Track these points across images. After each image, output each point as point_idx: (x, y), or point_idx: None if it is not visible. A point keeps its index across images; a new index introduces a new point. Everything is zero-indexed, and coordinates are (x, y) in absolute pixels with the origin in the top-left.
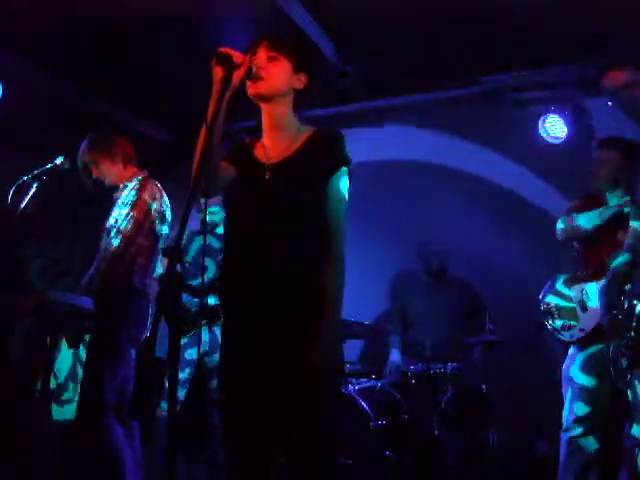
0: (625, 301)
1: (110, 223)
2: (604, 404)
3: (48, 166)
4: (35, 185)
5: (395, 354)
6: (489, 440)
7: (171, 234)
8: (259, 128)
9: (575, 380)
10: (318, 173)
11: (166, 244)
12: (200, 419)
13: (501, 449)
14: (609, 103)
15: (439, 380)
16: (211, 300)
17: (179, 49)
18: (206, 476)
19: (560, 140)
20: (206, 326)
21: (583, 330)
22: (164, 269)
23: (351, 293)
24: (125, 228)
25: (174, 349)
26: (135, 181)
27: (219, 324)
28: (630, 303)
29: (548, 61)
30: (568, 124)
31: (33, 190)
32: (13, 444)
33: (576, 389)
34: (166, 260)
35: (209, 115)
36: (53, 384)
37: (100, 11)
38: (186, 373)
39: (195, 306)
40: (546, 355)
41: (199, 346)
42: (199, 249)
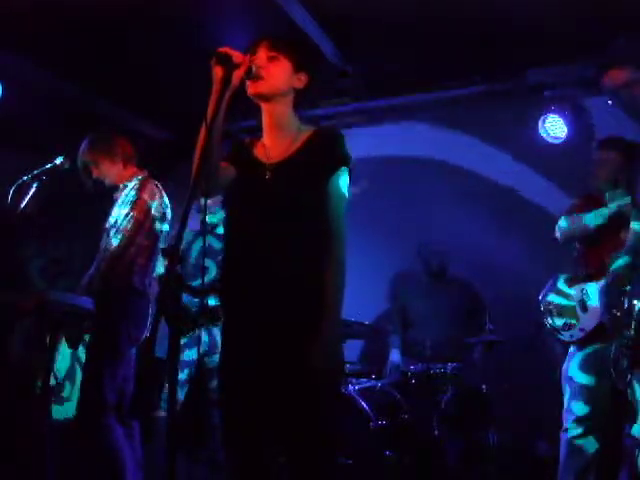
0: (625, 300)
1: (110, 223)
2: (604, 404)
3: (48, 166)
4: (35, 185)
5: (395, 354)
6: (489, 440)
7: (172, 232)
8: (259, 128)
9: (575, 379)
10: (318, 173)
11: (167, 243)
12: (200, 419)
13: (501, 449)
14: (609, 102)
15: (439, 380)
16: (211, 301)
17: (179, 49)
18: (206, 476)
19: (560, 140)
20: (206, 327)
21: (583, 330)
22: (164, 269)
23: (351, 293)
24: (125, 228)
25: (174, 349)
26: (135, 181)
27: (219, 325)
28: (630, 302)
29: (548, 61)
30: (568, 124)
31: (33, 190)
32: (13, 444)
33: (576, 388)
34: (166, 260)
35: (209, 115)
36: (53, 384)
37: (100, 11)
38: (184, 374)
39: (195, 306)
40: (546, 355)
41: (199, 346)
42: (200, 250)
